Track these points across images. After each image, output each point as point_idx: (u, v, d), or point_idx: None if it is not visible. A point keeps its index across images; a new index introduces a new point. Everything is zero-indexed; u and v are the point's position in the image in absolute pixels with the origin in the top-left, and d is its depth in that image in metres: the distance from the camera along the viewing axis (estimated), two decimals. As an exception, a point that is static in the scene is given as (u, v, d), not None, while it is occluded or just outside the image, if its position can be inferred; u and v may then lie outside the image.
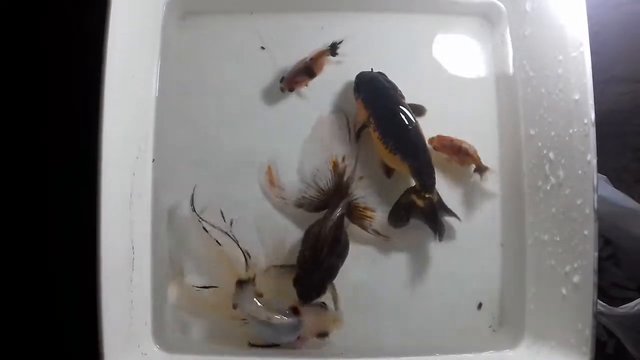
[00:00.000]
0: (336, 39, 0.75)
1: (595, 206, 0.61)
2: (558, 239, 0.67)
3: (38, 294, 0.77)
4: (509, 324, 0.73)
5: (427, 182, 0.70)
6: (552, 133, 0.68)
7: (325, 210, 0.70)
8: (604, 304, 0.73)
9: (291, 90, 0.73)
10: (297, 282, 0.68)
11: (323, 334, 0.68)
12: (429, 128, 0.72)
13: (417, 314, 0.72)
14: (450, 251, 0.73)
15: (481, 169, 0.73)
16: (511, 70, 0.76)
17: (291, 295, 0.68)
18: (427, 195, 0.70)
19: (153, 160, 0.73)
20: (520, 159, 0.74)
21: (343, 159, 0.72)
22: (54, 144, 0.79)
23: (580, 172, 0.64)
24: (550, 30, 0.68)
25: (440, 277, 0.73)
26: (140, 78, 0.71)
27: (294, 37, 0.76)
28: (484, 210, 0.74)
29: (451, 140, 0.73)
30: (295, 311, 0.67)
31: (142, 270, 0.69)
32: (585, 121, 0.63)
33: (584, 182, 0.63)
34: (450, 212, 0.72)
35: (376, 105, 0.72)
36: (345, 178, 0.71)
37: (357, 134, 0.74)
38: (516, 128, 0.74)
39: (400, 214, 0.71)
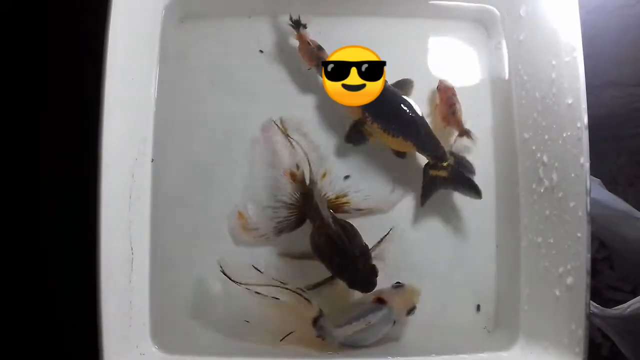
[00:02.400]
0: (293, 15, 0.75)
1: (588, 209, 0.62)
2: (552, 241, 0.67)
3: (37, 294, 0.77)
4: (503, 325, 0.73)
5: (437, 153, 0.72)
6: (546, 137, 0.69)
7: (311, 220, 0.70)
8: (597, 305, 0.73)
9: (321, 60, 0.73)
10: (354, 284, 0.68)
11: (411, 310, 0.69)
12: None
13: (412, 316, 0.71)
14: (446, 253, 0.74)
15: (463, 132, 0.74)
16: (506, 74, 0.77)
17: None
18: (444, 164, 0.71)
19: (152, 160, 0.73)
20: (514, 162, 0.74)
21: (297, 166, 0.72)
22: (54, 145, 0.79)
23: (573, 175, 0.64)
24: (544, 35, 0.69)
25: (436, 278, 0.73)
26: (139, 80, 0.72)
27: (292, 40, 0.77)
28: (479, 212, 0.75)
29: (453, 93, 0.75)
30: (381, 301, 0.67)
31: (141, 271, 0.70)
32: (579, 125, 0.63)
33: (577, 185, 0.63)
34: (470, 167, 0.73)
35: None
36: (307, 183, 0.71)
37: (352, 131, 0.74)
38: (511, 131, 0.75)
39: (430, 193, 0.73)
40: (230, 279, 0.69)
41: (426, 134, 0.72)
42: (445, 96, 0.74)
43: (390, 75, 0.75)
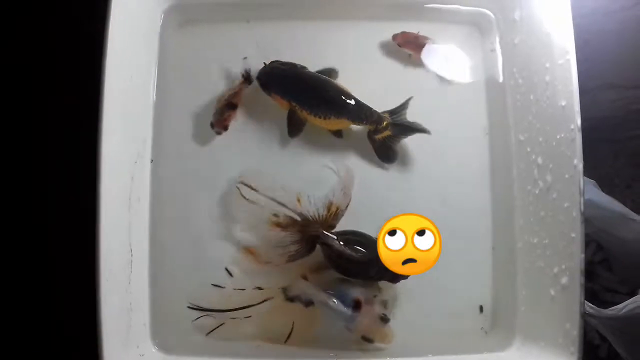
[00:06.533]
0: (247, 66, 0.76)
1: (582, 209, 0.63)
2: (547, 242, 0.68)
3: (38, 295, 0.78)
4: (500, 326, 0.73)
5: (372, 118, 0.73)
6: (541, 138, 0.69)
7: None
8: (592, 305, 0.73)
9: (225, 129, 0.75)
10: (397, 278, 0.69)
11: (368, 339, 0.69)
12: (422, 136, 0.73)
13: (409, 317, 0.72)
14: (442, 255, 0.73)
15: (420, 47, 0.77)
16: (501, 77, 0.77)
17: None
18: (384, 124, 0.73)
19: (151, 161, 0.74)
20: (510, 164, 0.75)
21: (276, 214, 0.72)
22: (54, 147, 0.80)
23: (567, 176, 0.65)
24: (538, 38, 0.70)
25: (432, 280, 0.72)
26: (138, 83, 0.73)
27: (290, 45, 0.78)
28: (474, 214, 0.75)
29: (416, 36, 0.76)
30: (357, 305, 0.68)
31: (141, 272, 0.71)
32: (572, 127, 0.64)
33: (571, 186, 0.64)
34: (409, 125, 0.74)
35: (289, 89, 0.74)
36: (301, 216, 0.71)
37: (290, 123, 0.75)
38: (506, 134, 0.76)
39: (385, 153, 0.75)
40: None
41: (356, 105, 0.73)
42: (412, 42, 0.77)
43: (388, 80, 0.77)
